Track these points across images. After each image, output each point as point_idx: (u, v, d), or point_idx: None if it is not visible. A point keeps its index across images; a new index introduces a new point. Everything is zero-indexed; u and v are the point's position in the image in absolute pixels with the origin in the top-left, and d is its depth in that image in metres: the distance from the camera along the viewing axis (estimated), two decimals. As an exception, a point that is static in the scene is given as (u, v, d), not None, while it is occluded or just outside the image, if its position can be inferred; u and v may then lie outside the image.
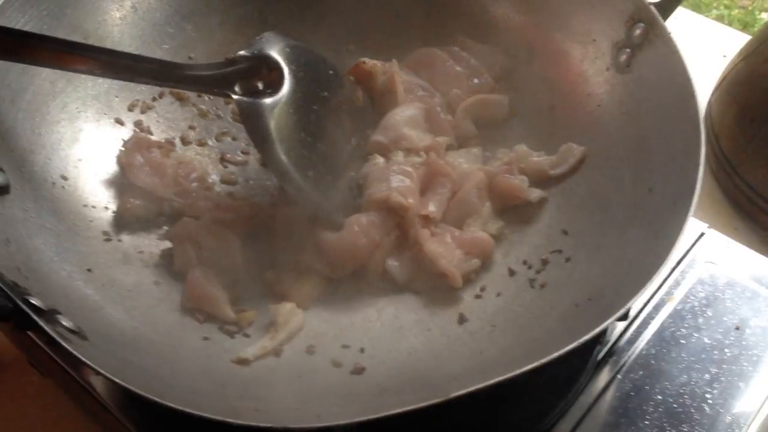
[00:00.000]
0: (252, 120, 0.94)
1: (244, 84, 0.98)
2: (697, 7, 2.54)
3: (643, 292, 0.76)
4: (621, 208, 0.95)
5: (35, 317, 0.71)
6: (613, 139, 1.02)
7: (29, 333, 0.91)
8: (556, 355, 0.73)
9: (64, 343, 0.70)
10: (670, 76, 0.96)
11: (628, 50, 1.03)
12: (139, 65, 0.93)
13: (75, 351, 0.70)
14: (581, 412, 0.95)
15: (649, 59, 1.00)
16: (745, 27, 2.52)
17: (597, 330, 0.74)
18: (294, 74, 0.99)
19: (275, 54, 0.99)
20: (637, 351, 1.01)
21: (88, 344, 0.76)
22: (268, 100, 0.96)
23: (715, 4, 2.68)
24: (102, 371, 0.69)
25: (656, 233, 0.86)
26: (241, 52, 0.98)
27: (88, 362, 0.70)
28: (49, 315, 0.75)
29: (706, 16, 1.79)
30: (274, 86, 0.98)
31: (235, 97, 0.95)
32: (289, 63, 1.00)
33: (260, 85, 0.98)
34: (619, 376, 0.99)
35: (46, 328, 0.71)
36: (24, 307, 0.71)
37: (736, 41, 1.45)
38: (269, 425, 0.67)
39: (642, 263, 0.83)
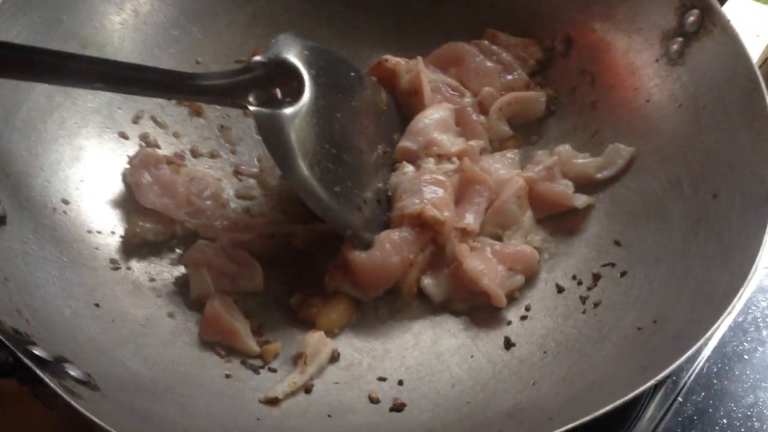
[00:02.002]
0: (271, 133, 0.85)
1: (261, 93, 0.89)
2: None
3: (723, 318, 0.68)
4: (681, 216, 0.86)
5: (39, 373, 0.63)
6: (666, 138, 0.93)
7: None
8: (627, 398, 0.64)
9: (72, 401, 0.63)
10: (731, 67, 0.87)
11: (681, 39, 0.94)
12: (145, 77, 0.85)
13: (84, 410, 0.62)
14: (641, 440, 0.87)
15: (706, 49, 0.91)
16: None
17: (672, 367, 0.66)
18: (315, 80, 0.91)
19: (293, 58, 0.90)
20: (697, 370, 0.92)
21: (99, 396, 0.68)
22: (288, 111, 0.87)
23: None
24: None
25: (727, 247, 0.77)
26: (257, 58, 0.89)
27: (100, 422, 0.62)
28: (55, 366, 0.67)
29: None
30: (294, 94, 0.89)
31: (252, 108, 0.86)
32: (309, 68, 0.91)
33: (278, 94, 0.89)
34: (679, 399, 0.90)
35: (52, 384, 0.62)
36: (27, 360, 0.63)
37: (768, 18, 1.35)
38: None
39: (714, 282, 0.75)
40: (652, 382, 0.65)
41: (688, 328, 0.71)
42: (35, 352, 0.65)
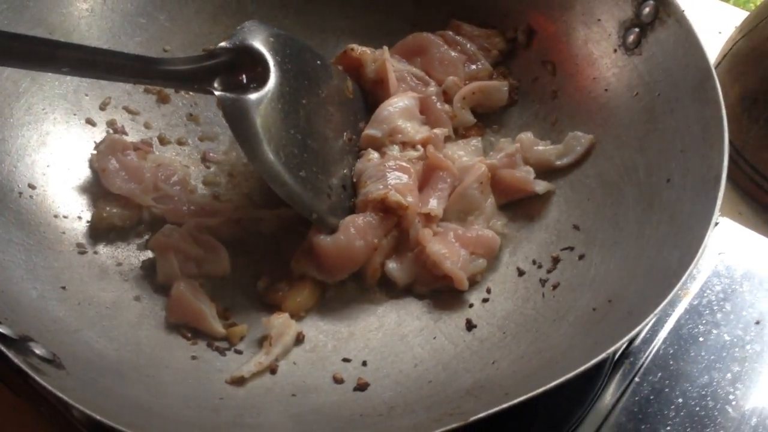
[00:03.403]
0: (236, 118, 0.86)
1: (226, 78, 0.90)
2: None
3: (671, 295, 0.70)
4: (636, 200, 0.89)
5: (4, 349, 0.63)
6: (623, 125, 0.96)
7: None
8: (579, 370, 0.67)
9: (37, 377, 0.63)
10: (685, 57, 0.90)
11: (637, 30, 0.97)
12: (110, 61, 0.85)
13: (49, 385, 0.63)
14: (598, 419, 0.89)
15: (661, 39, 0.94)
16: (739, 3, 2.46)
17: (623, 340, 0.68)
18: (280, 66, 0.92)
19: (259, 45, 0.91)
20: (654, 351, 0.95)
21: (64, 374, 0.69)
22: (253, 96, 0.88)
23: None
24: (80, 406, 0.62)
25: (679, 228, 0.80)
26: (222, 44, 0.90)
27: (64, 397, 0.63)
28: (20, 344, 0.67)
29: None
30: (259, 80, 0.90)
31: (217, 93, 0.87)
32: (275, 54, 0.92)
33: (244, 79, 0.90)
34: (636, 379, 0.92)
35: (17, 361, 0.63)
36: (-11, 337, 0.63)
37: (732, 17, 1.38)
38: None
39: (666, 261, 0.77)
40: (602, 355, 0.67)
41: (640, 305, 0.74)
42: (0, 330, 0.66)
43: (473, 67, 1.10)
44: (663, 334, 0.96)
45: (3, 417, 1.05)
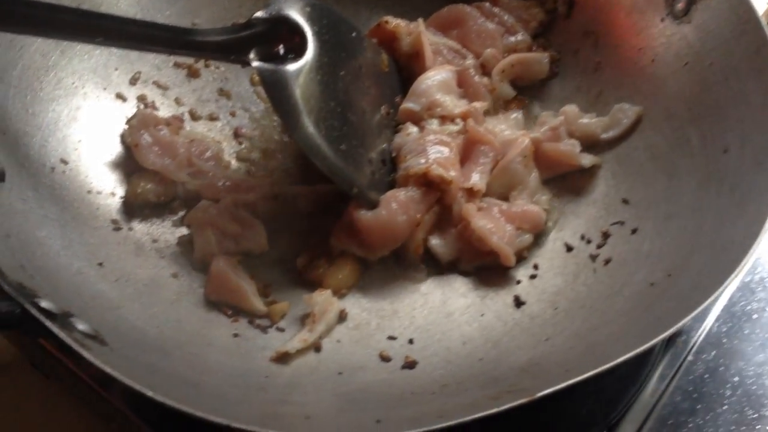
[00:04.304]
0: (276, 89, 0.83)
1: (263, 49, 0.86)
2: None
3: (741, 268, 0.67)
4: (690, 172, 0.86)
5: (48, 323, 0.61)
6: (673, 96, 0.92)
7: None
8: (646, 345, 0.64)
9: (83, 352, 0.60)
10: (739, 24, 0.87)
11: (686, -2, 0.93)
12: (146, 32, 0.82)
13: (97, 360, 0.60)
14: (651, 399, 0.86)
15: (712, 6, 0.90)
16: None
17: (692, 314, 0.65)
18: (318, 37, 0.89)
19: (296, 14, 0.88)
20: (707, 330, 0.92)
21: (108, 350, 0.66)
22: (291, 67, 0.85)
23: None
24: (130, 382, 0.59)
25: (741, 200, 0.77)
26: (258, 14, 0.87)
27: (113, 372, 0.60)
28: (63, 319, 0.65)
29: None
30: (297, 50, 0.87)
31: (255, 64, 0.84)
32: (312, 24, 0.89)
33: (281, 50, 0.87)
34: (689, 358, 0.90)
35: (62, 335, 0.60)
36: (34, 311, 0.61)
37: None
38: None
39: (729, 234, 0.74)
40: (671, 330, 0.65)
41: (704, 279, 0.71)
42: (42, 305, 0.63)
43: (512, 39, 1.06)
44: (715, 311, 0.93)
45: (32, 399, 1.03)
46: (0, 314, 0.60)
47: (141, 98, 0.99)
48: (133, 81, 0.99)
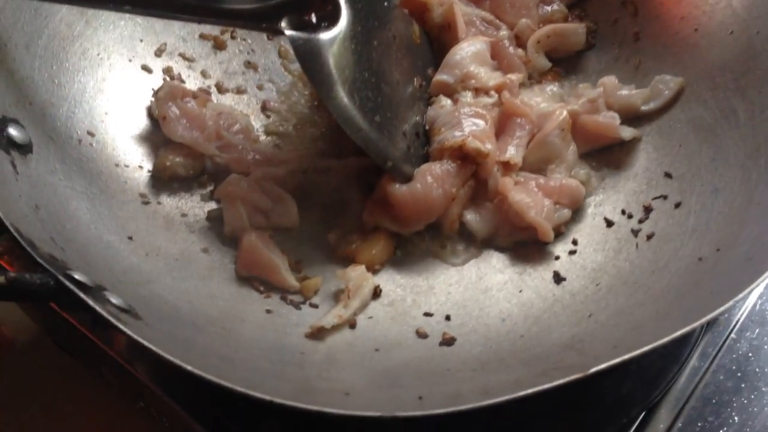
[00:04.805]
0: (310, 59, 0.81)
1: (295, 17, 0.84)
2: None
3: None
4: (737, 144, 0.83)
5: (83, 295, 0.59)
6: (717, 66, 0.89)
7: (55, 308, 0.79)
8: (703, 320, 0.61)
9: (120, 326, 0.58)
10: (787, -11, 0.83)
11: (732, -37, 0.90)
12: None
13: (135, 334, 0.58)
14: (694, 377, 0.84)
15: (760, -29, 0.86)
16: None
17: (752, 286, 0.62)
18: (351, 5, 0.86)
19: (328, -19, 0.85)
20: (750, 307, 0.89)
21: (143, 324, 0.64)
22: (325, 36, 0.82)
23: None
24: (169, 356, 0.57)
25: (794, 169, 0.73)
26: (290, -19, 0.84)
27: (152, 347, 0.58)
28: (96, 292, 0.63)
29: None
30: (329, 19, 0.84)
31: (288, 32, 0.81)
32: (344, -8, 0.86)
33: (313, 18, 0.84)
34: (732, 336, 0.87)
35: (97, 308, 0.58)
36: (68, 283, 0.59)
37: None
38: (378, 414, 0.55)
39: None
40: (724, 306, 0.62)
41: (757, 254, 0.68)
42: (76, 277, 0.61)
43: (547, 9, 1.03)
44: (759, 289, 0.90)
45: (54, 376, 1.02)
46: (34, 286, 0.58)
47: (167, 71, 0.97)
48: (159, 53, 0.97)
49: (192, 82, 0.98)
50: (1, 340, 1.02)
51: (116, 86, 0.91)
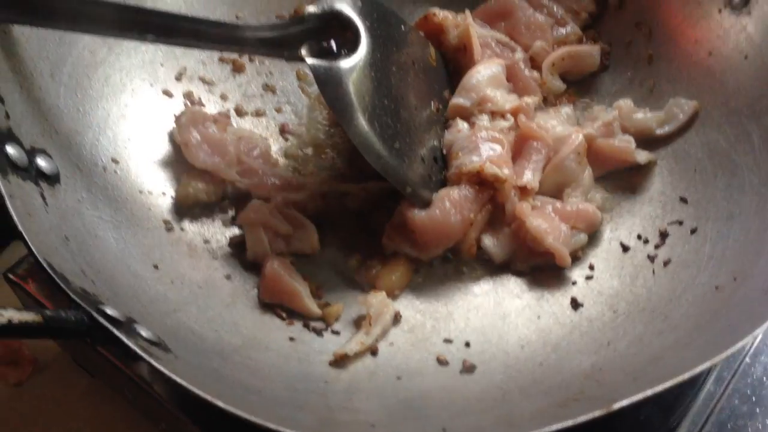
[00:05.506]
0: (331, 87, 0.82)
1: (315, 45, 0.85)
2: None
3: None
4: (752, 170, 0.84)
5: (116, 332, 0.60)
6: (731, 91, 0.90)
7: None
8: (723, 354, 0.62)
9: (152, 361, 0.60)
10: (803, 16, 0.84)
11: (745, -12, 0.91)
12: (197, 28, 0.81)
13: (166, 370, 0.60)
14: (710, 403, 0.85)
15: (774, -3, 0.87)
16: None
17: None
18: (370, 32, 0.87)
19: (348, 9, 0.86)
20: (764, 331, 0.89)
21: (172, 357, 0.65)
22: (345, 63, 0.83)
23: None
24: (201, 393, 0.59)
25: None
26: (310, 9, 0.85)
27: (183, 382, 0.59)
28: (127, 326, 0.64)
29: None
30: (349, 46, 0.85)
31: (309, 60, 0.83)
32: (364, 19, 0.87)
33: (333, 46, 0.85)
34: (746, 360, 0.88)
35: (131, 345, 0.60)
36: (102, 320, 0.60)
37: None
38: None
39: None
40: (746, 338, 0.63)
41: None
42: (108, 311, 0.62)
43: (561, 31, 1.04)
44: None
45: (75, 396, 1.03)
46: (70, 323, 0.59)
47: (187, 95, 0.98)
48: (179, 77, 0.98)
49: (212, 106, 0.99)
50: (23, 360, 1.03)
51: (138, 112, 0.92)
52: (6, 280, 0.90)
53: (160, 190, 0.89)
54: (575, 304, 0.84)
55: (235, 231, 0.90)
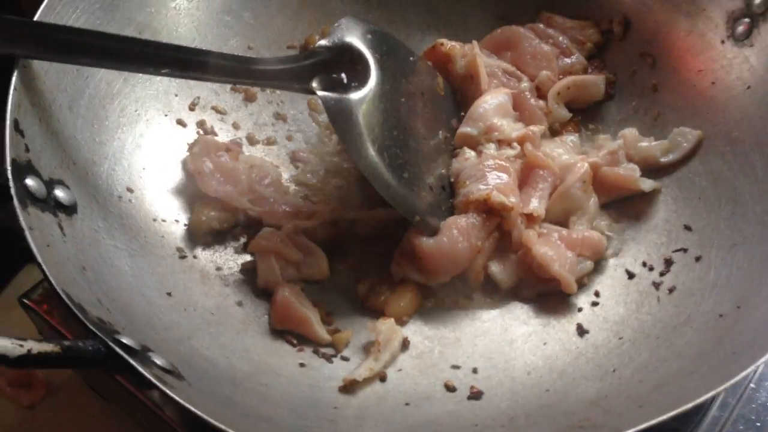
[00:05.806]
0: (341, 118, 0.84)
1: (325, 77, 0.87)
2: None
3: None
4: (755, 199, 0.85)
5: (132, 361, 0.62)
6: (734, 120, 0.92)
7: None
8: (728, 383, 0.63)
9: (167, 390, 0.61)
10: (803, 48, 0.86)
11: (747, 20, 0.93)
12: (211, 62, 0.83)
13: (180, 398, 0.61)
14: (715, 429, 0.85)
15: (776, 29, 0.89)
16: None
17: (770, 351, 0.65)
18: (379, 64, 0.89)
19: (358, 42, 0.89)
20: (769, 356, 0.91)
21: (186, 385, 0.67)
22: (355, 95, 0.86)
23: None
24: (215, 422, 0.60)
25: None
26: (321, 42, 0.88)
27: (195, 410, 0.61)
28: (142, 355, 0.66)
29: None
30: (359, 78, 0.88)
31: (320, 93, 0.85)
32: (373, 52, 0.90)
33: (344, 78, 0.88)
34: (752, 386, 0.89)
35: (146, 374, 0.61)
36: (118, 349, 0.62)
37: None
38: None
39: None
40: (751, 367, 0.64)
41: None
42: (124, 341, 0.64)
43: (567, 60, 1.06)
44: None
45: (88, 420, 1.05)
46: (87, 353, 0.61)
47: (200, 124, 1.00)
48: (192, 106, 1.00)
49: (224, 135, 1.01)
50: (36, 382, 1.05)
51: (153, 141, 0.95)
52: (21, 305, 0.92)
53: (173, 218, 0.91)
54: (581, 330, 0.86)
55: (247, 258, 0.92)
